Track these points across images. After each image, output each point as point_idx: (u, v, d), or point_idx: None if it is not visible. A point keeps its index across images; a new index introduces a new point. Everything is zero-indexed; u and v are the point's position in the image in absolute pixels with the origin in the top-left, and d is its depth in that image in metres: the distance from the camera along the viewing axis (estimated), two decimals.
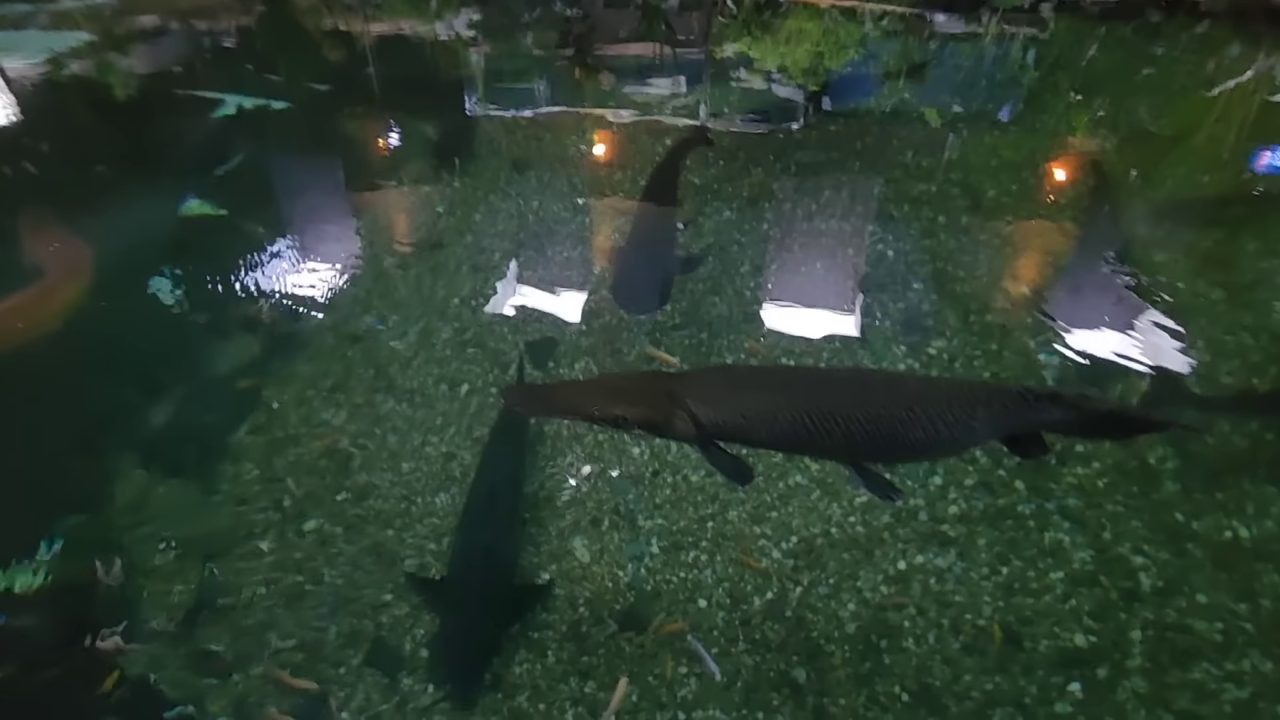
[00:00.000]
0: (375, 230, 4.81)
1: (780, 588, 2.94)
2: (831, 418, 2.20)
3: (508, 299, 4.18)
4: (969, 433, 2.24)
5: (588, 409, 2.35)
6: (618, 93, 6.66)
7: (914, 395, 2.25)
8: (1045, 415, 2.26)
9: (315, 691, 2.60)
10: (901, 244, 4.35)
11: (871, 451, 2.33)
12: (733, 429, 2.31)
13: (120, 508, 3.03)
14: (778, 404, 2.27)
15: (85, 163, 5.11)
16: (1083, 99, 6.08)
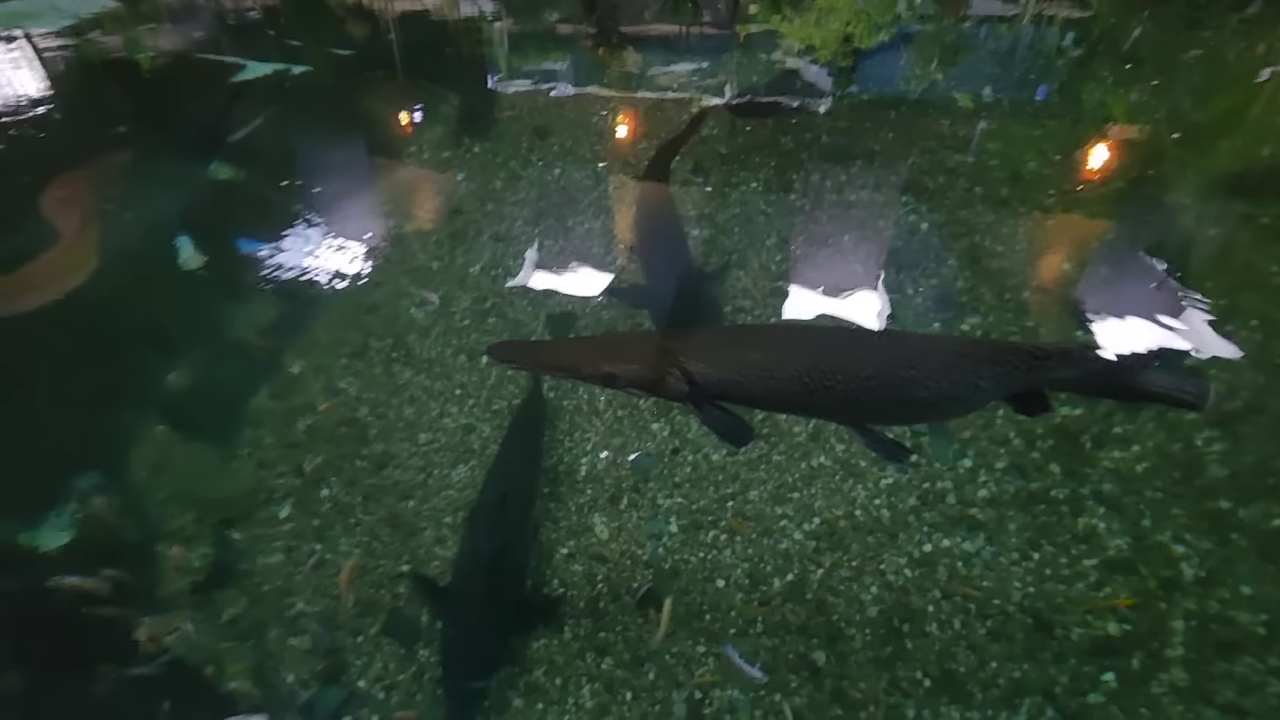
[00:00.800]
0: (394, 196, 4.75)
1: (801, 569, 2.87)
2: (830, 376, 2.13)
3: (528, 269, 4.11)
4: (974, 391, 2.15)
5: (578, 366, 2.28)
6: (641, 70, 6.51)
7: (917, 353, 2.16)
8: (1053, 373, 2.17)
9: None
10: (936, 216, 4.19)
11: (873, 411, 2.25)
12: (728, 388, 2.23)
13: (141, 469, 3.04)
14: (774, 362, 2.19)
15: (109, 124, 5.09)
16: (1125, 81, 5.80)
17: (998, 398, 2.27)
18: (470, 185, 4.72)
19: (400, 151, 5.07)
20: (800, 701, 2.52)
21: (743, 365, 2.21)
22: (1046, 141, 4.75)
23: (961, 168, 4.57)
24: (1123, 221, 4.12)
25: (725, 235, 4.23)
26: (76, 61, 6.53)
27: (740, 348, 2.31)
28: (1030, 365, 2.15)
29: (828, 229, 4.24)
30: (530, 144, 5.10)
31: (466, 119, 5.43)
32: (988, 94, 5.54)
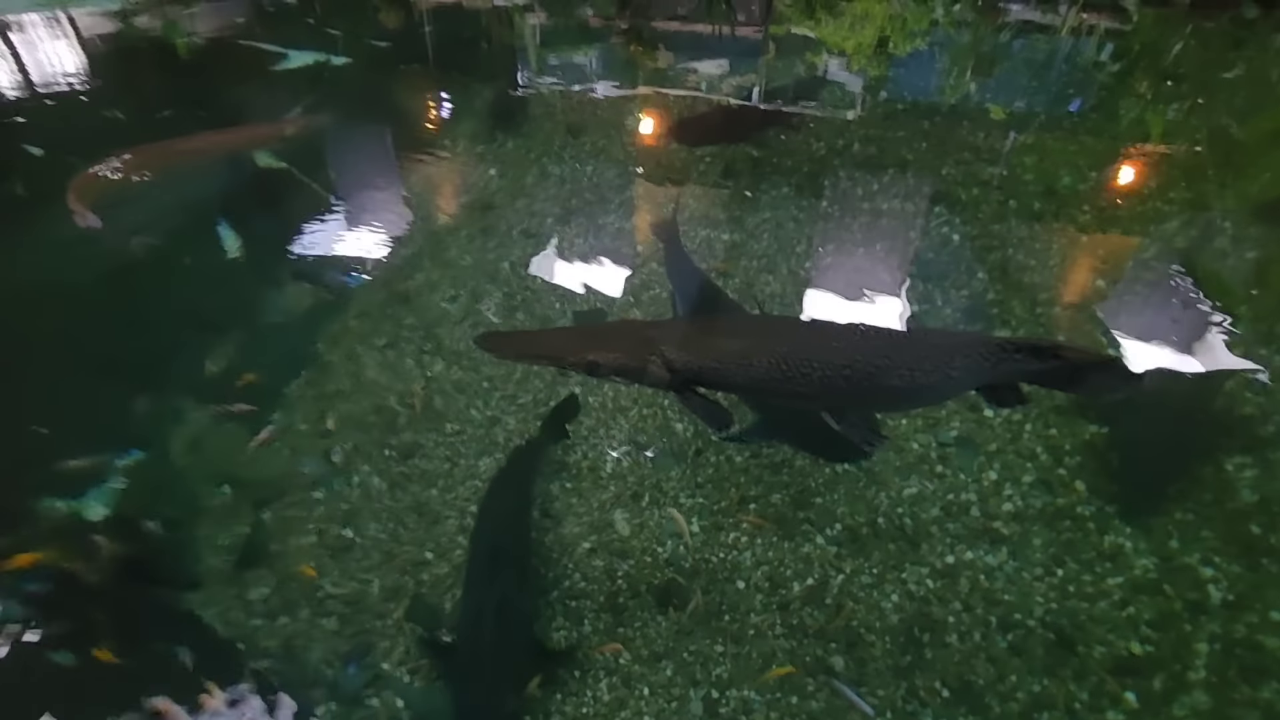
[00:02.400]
0: (428, 189, 4.81)
1: (821, 574, 2.88)
2: (806, 364, 2.20)
3: (557, 265, 4.15)
4: (947, 381, 2.24)
5: (562, 354, 2.35)
6: (672, 68, 6.53)
7: (890, 344, 2.26)
8: (1023, 366, 2.27)
9: None
10: (969, 228, 4.18)
11: (847, 398, 2.31)
12: (707, 374, 2.30)
13: (179, 447, 3.11)
14: (752, 350, 2.27)
15: (155, 110, 5.20)
16: (1164, 98, 5.73)
17: (970, 388, 2.40)
18: (502, 181, 4.77)
19: (434, 145, 5.14)
20: (817, 706, 2.53)
21: (722, 353, 2.29)
22: (1083, 157, 4.71)
23: (995, 180, 4.55)
24: (1158, 241, 4.09)
25: (755, 240, 4.24)
26: (119, 44, 6.66)
27: (720, 336, 2.40)
28: (1000, 358, 2.25)
29: (858, 237, 4.24)
30: (562, 140, 5.14)
31: (499, 114, 5.49)
32: (1023, 106, 5.51)
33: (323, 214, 4.38)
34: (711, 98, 5.83)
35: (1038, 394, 3.32)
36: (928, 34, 7.14)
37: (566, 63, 6.69)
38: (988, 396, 2.43)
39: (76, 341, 3.44)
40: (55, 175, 4.37)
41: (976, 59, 6.58)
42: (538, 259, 4.15)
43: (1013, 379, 2.35)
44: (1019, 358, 2.25)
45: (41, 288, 3.67)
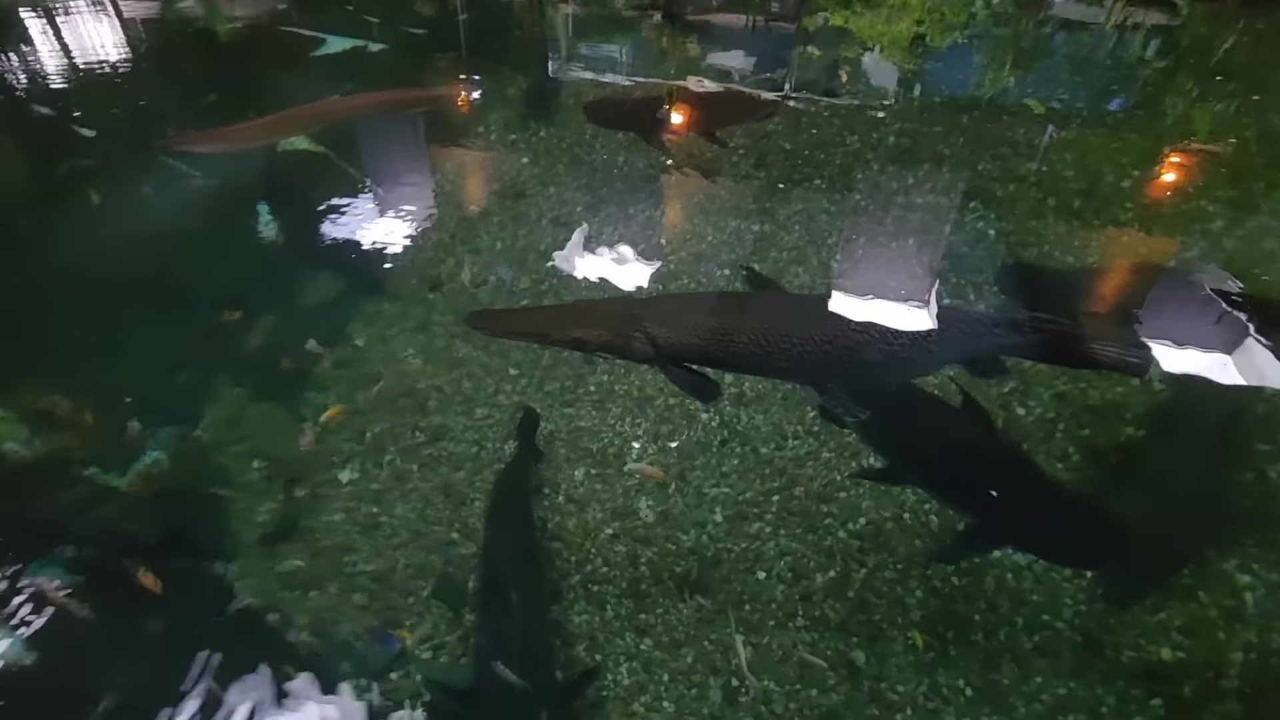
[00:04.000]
0: (461, 176, 4.85)
1: (844, 567, 2.88)
2: (787, 339, 2.28)
3: (587, 253, 4.16)
4: (926, 355, 2.31)
5: (549, 332, 2.42)
6: (704, 59, 6.49)
7: (870, 319, 2.34)
8: (1003, 339, 2.32)
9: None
10: (1005, 224, 4.11)
11: (828, 372, 2.38)
12: (690, 350, 2.37)
13: (215, 423, 3.19)
14: (734, 325, 2.33)
15: (200, 94, 5.30)
16: (1212, 95, 5.55)
17: (950, 362, 2.46)
18: (534, 169, 4.79)
19: (468, 132, 5.17)
20: (837, 699, 2.53)
21: (704, 329, 2.35)
22: (1126, 154, 4.60)
23: (1033, 176, 4.46)
24: (1203, 242, 3.97)
25: (785, 231, 4.22)
26: (163, 29, 6.80)
27: (702, 314, 2.46)
28: (980, 332, 2.31)
29: (891, 231, 4.19)
30: (594, 130, 5.14)
31: (532, 102, 5.50)
32: (1065, 102, 5.38)
33: (358, 199, 4.44)
34: (742, 89, 5.79)
35: (1073, 395, 3.28)
36: (965, 27, 7.00)
37: (598, 53, 6.68)
38: (972, 369, 2.48)
39: (120, 319, 3.54)
40: (104, 156, 4.51)
41: (1016, 53, 6.44)
42: (568, 246, 4.17)
43: (994, 352, 2.40)
44: (998, 331, 2.31)
45: (88, 265, 3.77)
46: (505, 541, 2.88)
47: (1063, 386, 3.31)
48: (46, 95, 5.28)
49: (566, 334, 2.38)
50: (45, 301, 3.48)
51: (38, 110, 5.09)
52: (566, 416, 3.39)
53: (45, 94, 5.30)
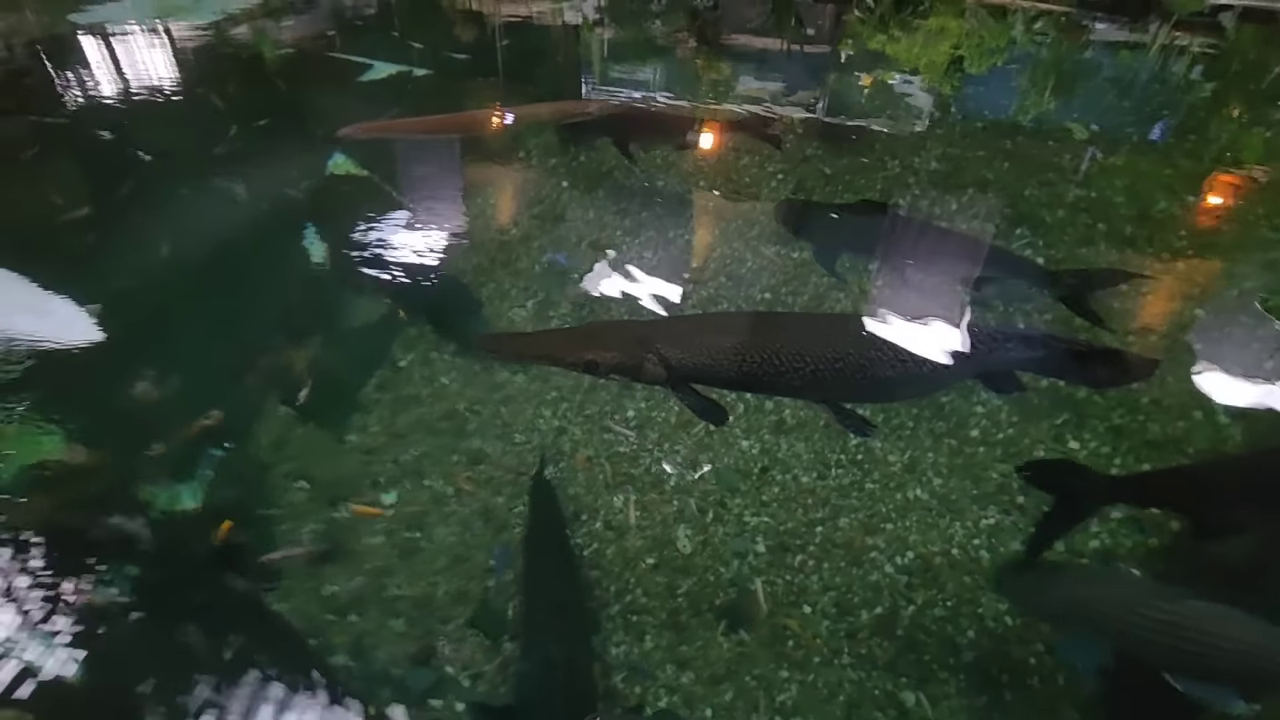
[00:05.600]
0: (501, 199, 4.90)
1: (891, 604, 2.79)
2: (800, 357, 2.28)
3: (626, 277, 4.16)
4: (940, 371, 2.30)
5: (561, 354, 2.44)
6: (740, 83, 6.52)
7: (882, 335, 2.36)
8: (1016, 354, 2.34)
9: None
10: (1054, 252, 4.02)
11: (841, 389, 2.39)
12: (703, 370, 2.38)
13: (263, 443, 3.23)
14: (746, 345, 2.34)
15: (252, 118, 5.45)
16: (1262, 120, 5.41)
17: (964, 378, 2.45)
18: (573, 192, 4.82)
19: (509, 156, 5.24)
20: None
21: (716, 350, 2.36)
22: (1178, 180, 4.49)
23: (1083, 202, 4.37)
24: (1264, 271, 3.85)
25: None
26: (215, 54, 7.03)
27: (713, 333, 2.46)
28: (993, 347, 2.31)
29: (934, 256, 4.12)
30: (634, 154, 5.17)
31: (572, 126, 5.56)
32: (1111, 127, 5.29)
33: (400, 221, 4.50)
34: (775, 111, 5.80)
35: (1129, 428, 3.18)
36: (1005, 51, 6.95)
37: (631, 76, 6.75)
38: (986, 384, 2.49)
39: (174, 338, 3.62)
40: (163, 179, 4.65)
41: (1058, 78, 6.36)
42: (607, 270, 4.18)
43: (1008, 367, 2.40)
44: (1011, 346, 2.32)
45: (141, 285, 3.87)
46: (544, 570, 2.86)
47: (1119, 420, 3.20)
48: (106, 118, 5.47)
49: (578, 356, 2.40)
50: (99, 321, 3.57)
51: (99, 134, 5.26)
52: (606, 442, 3.36)
53: (105, 117, 5.50)
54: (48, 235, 4.22)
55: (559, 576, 2.82)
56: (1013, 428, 3.31)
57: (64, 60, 6.45)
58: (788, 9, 8.91)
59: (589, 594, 2.85)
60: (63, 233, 4.25)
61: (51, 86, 5.95)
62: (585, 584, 2.88)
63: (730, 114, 5.73)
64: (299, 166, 4.75)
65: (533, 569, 2.84)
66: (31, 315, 3.36)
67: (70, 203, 4.35)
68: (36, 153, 4.88)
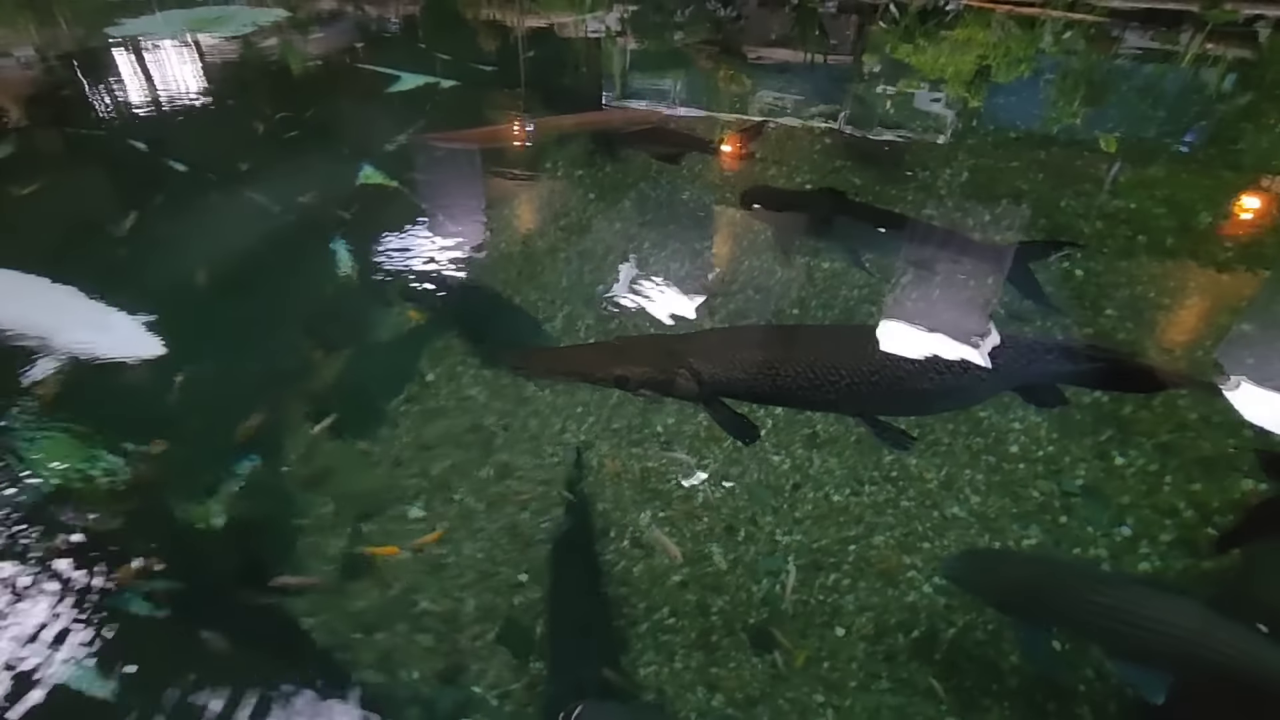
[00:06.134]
0: (528, 211, 4.90)
1: (930, 626, 2.71)
2: (835, 370, 2.23)
3: (652, 290, 4.12)
4: (977, 383, 2.26)
5: (591, 370, 2.40)
6: (764, 93, 6.50)
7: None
8: (1057, 366, 2.26)
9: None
10: (1093, 263, 3.92)
11: (878, 402, 2.33)
12: (736, 385, 2.33)
13: (291, 457, 3.21)
14: (779, 358, 2.29)
15: (282, 129, 5.52)
16: None
17: (1003, 389, 2.38)
18: (599, 204, 4.80)
19: (535, 167, 5.24)
20: None
21: (749, 364, 2.31)
22: (1220, 191, 4.38)
23: (1122, 214, 4.27)
24: None
25: (856, 268, 4.11)
26: (244, 66, 7.13)
27: (746, 347, 2.41)
28: (1033, 359, 2.24)
29: (969, 268, 4.05)
30: (659, 166, 5.15)
31: (598, 138, 5.56)
32: (1148, 138, 5.19)
33: (428, 233, 4.51)
34: (805, 122, 5.76)
35: (1180, 445, 3.07)
36: (1033, 61, 6.87)
37: (651, 86, 6.75)
38: (1027, 397, 2.43)
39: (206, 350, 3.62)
40: (195, 191, 4.70)
41: (1091, 88, 6.26)
42: (633, 282, 4.15)
43: (1049, 380, 2.33)
44: (1051, 358, 2.25)
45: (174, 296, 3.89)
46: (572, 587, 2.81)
47: (1167, 436, 3.10)
48: (140, 130, 5.56)
49: (609, 372, 2.37)
50: (157, 334, 3.59)
51: (134, 145, 5.34)
52: (634, 456, 3.31)
53: (139, 129, 5.58)
54: (90, 248, 4.28)
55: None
56: (1053, 444, 3.21)
57: (99, 73, 6.58)
58: (812, 20, 8.89)
59: (617, 612, 2.79)
60: (104, 245, 4.30)
61: (87, 99, 6.07)
62: (613, 601, 2.83)
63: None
64: (329, 178, 4.78)
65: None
66: (91, 329, 3.35)
67: (108, 215, 4.41)
68: (37, 188, 4.86)
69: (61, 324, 3.36)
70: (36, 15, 8.98)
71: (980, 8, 8.49)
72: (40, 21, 8.79)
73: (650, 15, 9.29)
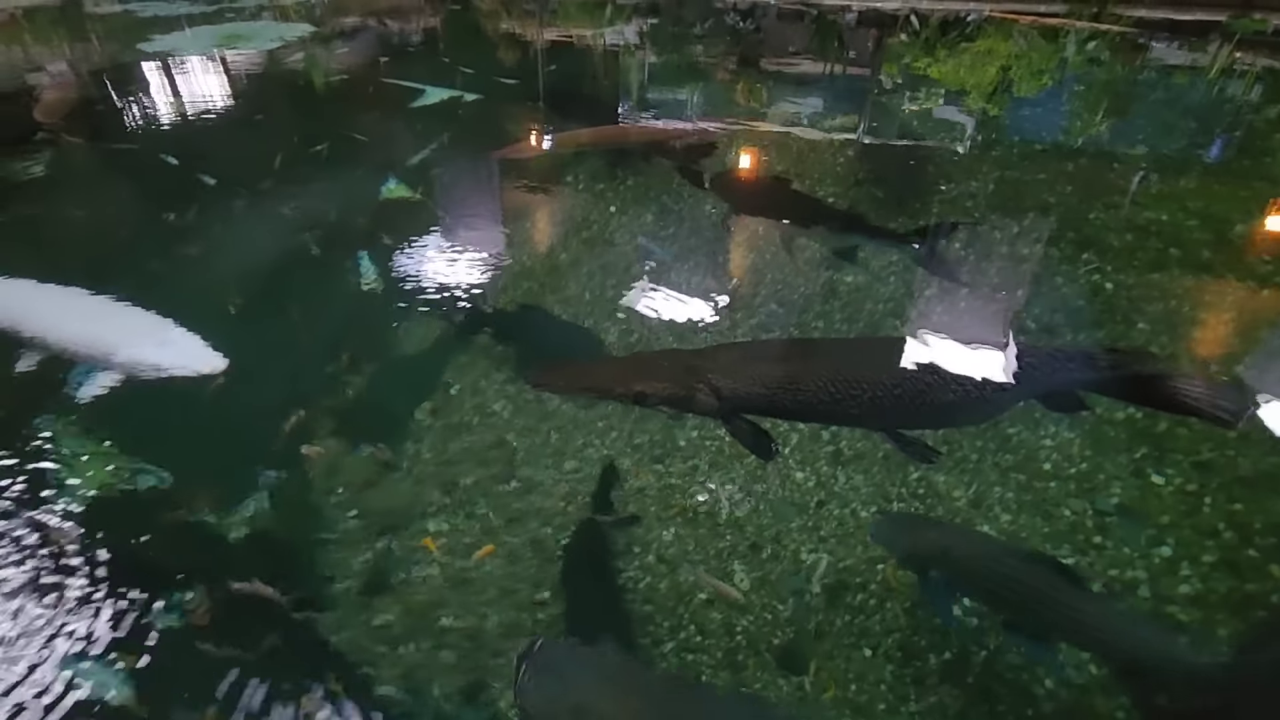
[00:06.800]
0: (550, 224, 4.91)
1: (960, 648, 2.65)
2: (856, 384, 2.20)
3: (674, 303, 4.11)
4: (1000, 393, 2.22)
5: (610, 386, 2.38)
6: (783, 105, 6.49)
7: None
8: (1078, 375, 2.24)
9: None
10: (1124, 277, 3.85)
11: (901, 416, 2.30)
12: (756, 400, 2.30)
13: (316, 470, 3.22)
14: (800, 373, 2.26)
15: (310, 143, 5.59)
16: None
17: (1025, 399, 2.35)
18: (622, 217, 4.81)
19: (557, 180, 5.26)
20: None
21: (769, 378, 2.28)
22: (1255, 203, 4.29)
23: (1153, 226, 4.19)
24: None
25: (881, 283, 4.07)
26: (271, 81, 7.25)
27: (765, 362, 2.39)
28: (1054, 367, 2.22)
29: (997, 281, 4.00)
30: (680, 179, 5.15)
31: (619, 151, 5.58)
32: (1177, 149, 5.10)
33: (452, 246, 4.53)
34: (824, 134, 5.74)
35: (1219, 464, 2.99)
36: (1056, 72, 6.80)
37: (669, 99, 6.77)
38: (1049, 406, 2.40)
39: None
40: (225, 204, 4.77)
41: (1117, 99, 6.18)
42: (655, 295, 4.13)
43: (1070, 388, 2.31)
44: (1073, 366, 2.22)
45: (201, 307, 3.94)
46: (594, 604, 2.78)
47: (1207, 454, 3.02)
48: (171, 144, 5.65)
49: (628, 388, 2.35)
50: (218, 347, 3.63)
51: (166, 159, 5.43)
52: (656, 473, 3.29)
53: (170, 143, 5.68)
54: (121, 262, 4.35)
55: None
56: (1086, 462, 3.14)
57: (131, 89, 6.72)
58: (832, 31, 8.89)
59: (642, 630, 2.76)
60: (135, 259, 4.37)
61: (120, 114, 6.19)
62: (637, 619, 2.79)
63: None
64: (354, 191, 4.83)
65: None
66: (154, 344, 3.33)
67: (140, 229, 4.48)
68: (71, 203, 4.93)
69: (140, 341, 3.36)
70: (70, 31, 9.21)
71: (1002, 18, 8.43)
72: (73, 37, 9.00)
73: (669, 28, 9.33)
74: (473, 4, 10.50)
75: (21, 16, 9.53)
